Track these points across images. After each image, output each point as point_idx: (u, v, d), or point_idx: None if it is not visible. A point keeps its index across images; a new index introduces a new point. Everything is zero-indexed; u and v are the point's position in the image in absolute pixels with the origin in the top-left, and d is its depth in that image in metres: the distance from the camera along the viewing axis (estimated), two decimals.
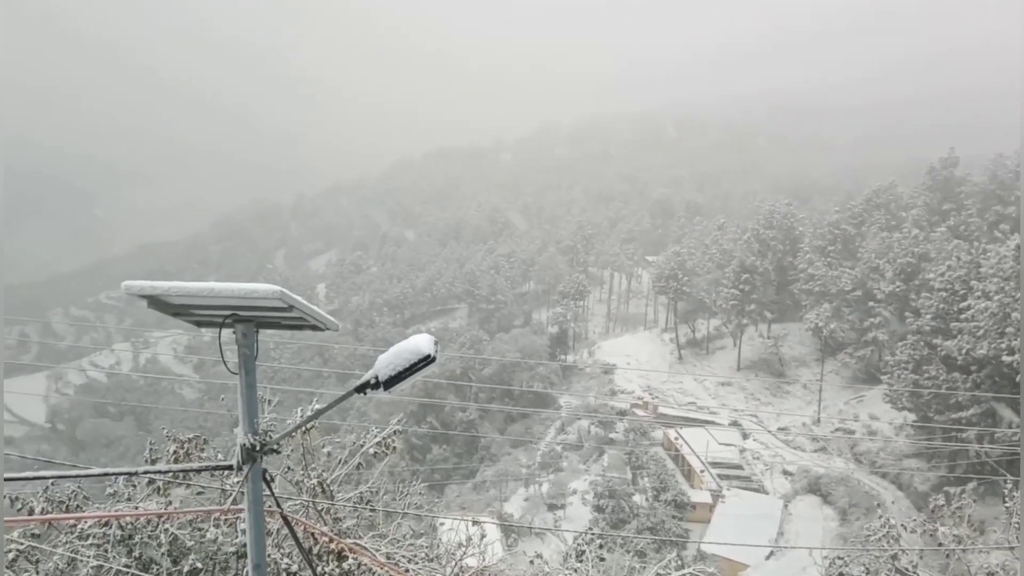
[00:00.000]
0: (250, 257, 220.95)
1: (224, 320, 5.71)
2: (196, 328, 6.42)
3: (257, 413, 6.05)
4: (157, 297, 5.50)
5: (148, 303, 5.61)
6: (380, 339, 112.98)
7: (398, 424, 19.78)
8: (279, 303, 5.29)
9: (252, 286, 5.23)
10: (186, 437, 18.58)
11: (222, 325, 5.73)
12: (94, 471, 9.61)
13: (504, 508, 69.79)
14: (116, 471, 15.39)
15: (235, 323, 5.75)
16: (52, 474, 10.63)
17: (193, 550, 17.15)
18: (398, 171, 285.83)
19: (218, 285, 5.30)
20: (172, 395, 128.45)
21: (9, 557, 16.34)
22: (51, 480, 17.60)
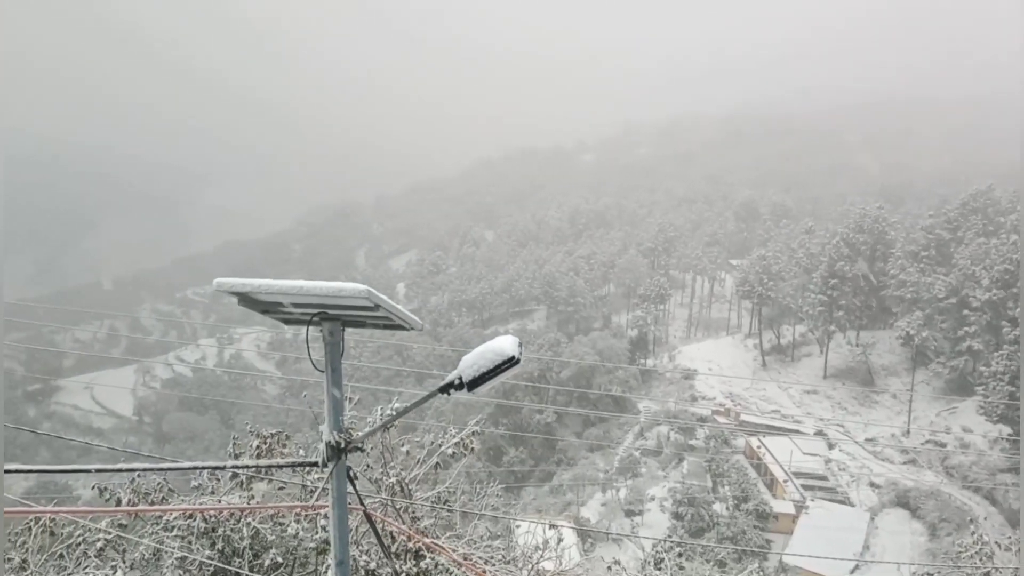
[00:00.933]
0: (332, 255, 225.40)
1: (312, 318, 5.73)
2: (283, 325, 6.44)
3: (343, 411, 6.06)
4: (247, 294, 5.55)
5: (239, 300, 5.65)
6: (458, 339, 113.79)
7: (476, 425, 19.75)
8: (366, 302, 5.26)
9: (340, 285, 5.22)
10: (268, 433, 18.88)
11: (309, 323, 5.75)
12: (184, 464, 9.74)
13: (581, 512, 69.39)
14: (205, 464, 15.65)
15: (322, 321, 5.78)
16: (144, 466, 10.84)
17: (274, 544, 17.42)
18: (478, 171, 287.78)
19: (307, 283, 5.28)
20: (254, 391, 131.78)
21: (97, 546, 16.84)
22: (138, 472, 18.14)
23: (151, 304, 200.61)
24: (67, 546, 16.62)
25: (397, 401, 19.91)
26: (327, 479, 6.07)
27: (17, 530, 17.05)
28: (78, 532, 16.91)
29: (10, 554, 16.03)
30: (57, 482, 74.24)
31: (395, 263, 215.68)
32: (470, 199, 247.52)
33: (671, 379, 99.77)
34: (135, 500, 17.79)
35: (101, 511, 16.62)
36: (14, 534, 17.07)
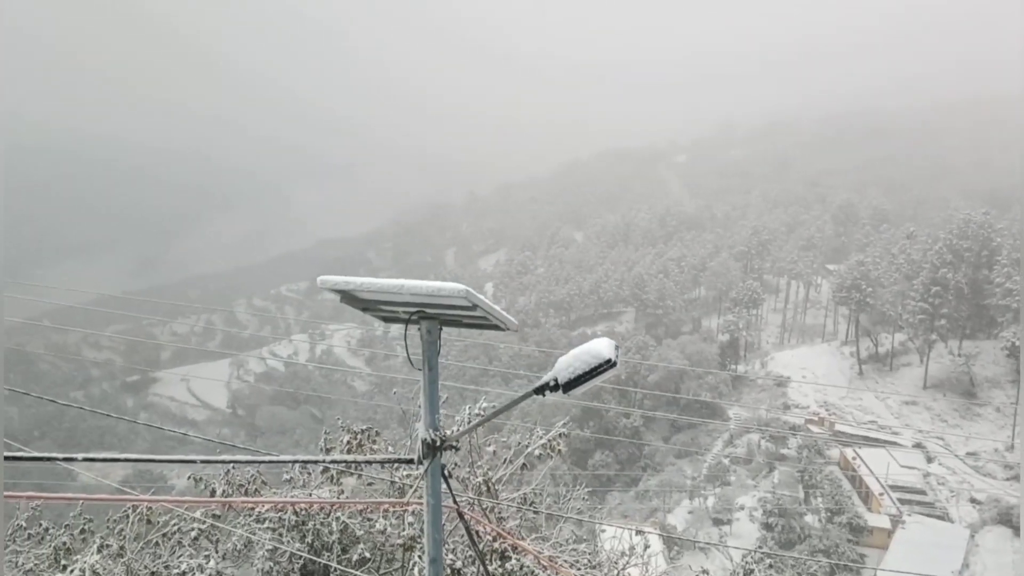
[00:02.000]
0: (422, 254, 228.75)
1: (410, 317, 5.84)
2: (373, 323, 6.48)
3: (438, 409, 6.14)
4: (349, 292, 5.70)
5: (340, 298, 5.78)
6: (545, 340, 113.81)
7: (563, 427, 19.55)
8: (464, 302, 5.35)
9: (439, 284, 5.32)
10: (359, 429, 19.08)
11: (408, 321, 5.87)
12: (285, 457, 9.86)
13: (667, 519, 68.55)
14: (304, 459, 16.00)
15: (420, 320, 5.88)
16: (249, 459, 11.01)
17: (362, 539, 17.60)
18: (568, 172, 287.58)
19: (406, 282, 5.40)
20: (344, 386, 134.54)
21: (191, 536, 17.30)
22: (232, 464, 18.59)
23: (247, 299, 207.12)
24: (163, 534, 17.13)
25: (484, 400, 19.88)
26: (421, 476, 6.07)
27: (115, 517, 17.66)
28: (173, 521, 17.40)
29: (108, 540, 16.59)
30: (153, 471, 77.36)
31: (484, 263, 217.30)
32: (560, 200, 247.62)
33: (763, 386, 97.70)
34: (229, 491, 18.22)
35: (196, 501, 17.05)
36: (112, 521, 17.68)
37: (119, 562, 15.51)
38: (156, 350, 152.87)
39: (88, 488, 50.84)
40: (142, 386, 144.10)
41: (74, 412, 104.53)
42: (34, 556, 17.27)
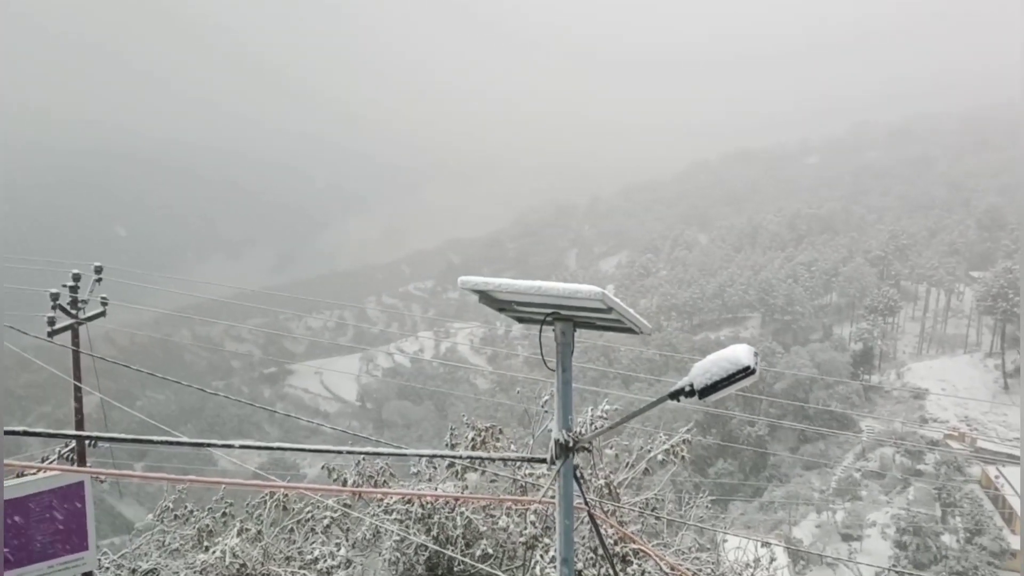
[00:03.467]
0: (544, 255, 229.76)
1: (545, 318, 5.92)
2: (500, 323, 6.64)
3: (571, 410, 6.16)
4: (487, 293, 5.80)
5: (479, 298, 5.90)
6: (666, 344, 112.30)
7: (687, 433, 19.23)
8: (600, 304, 5.40)
9: (575, 287, 5.39)
10: (483, 426, 19.40)
11: (543, 322, 5.95)
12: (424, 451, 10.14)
13: (792, 532, 66.47)
14: (440, 453, 16.34)
15: (555, 321, 5.94)
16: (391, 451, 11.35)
17: (485, 536, 17.85)
18: (693, 173, 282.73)
19: (543, 284, 5.50)
20: (467, 384, 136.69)
21: (324, 523, 18.00)
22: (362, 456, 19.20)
23: (376, 297, 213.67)
24: (297, 521, 17.89)
25: (606, 403, 19.79)
26: (553, 477, 6.13)
27: (254, 502, 18.57)
28: (307, 508, 18.13)
29: (247, 524, 17.46)
30: (287, 460, 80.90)
31: (605, 265, 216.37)
32: (684, 201, 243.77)
33: (898, 398, 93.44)
34: (359, 482, 18.83)
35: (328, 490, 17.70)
36: (250, 506, 18.58)
37: (257, 545, 16.28)
38: (292, 343, 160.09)
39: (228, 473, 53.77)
40: (278, 378, 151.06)
41: (216, 400, 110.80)
42: (179, 536, 18.41)
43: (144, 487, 44.29)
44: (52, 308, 15.19)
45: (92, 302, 15.97)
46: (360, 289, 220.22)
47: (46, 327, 15.65)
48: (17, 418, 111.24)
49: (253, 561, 15.97)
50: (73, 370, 15.73)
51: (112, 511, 61.63)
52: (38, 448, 21.96)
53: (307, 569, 16.18)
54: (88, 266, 16.40)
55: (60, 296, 15.32)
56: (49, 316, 15.22)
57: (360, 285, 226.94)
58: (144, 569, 17.34)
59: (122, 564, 18.04)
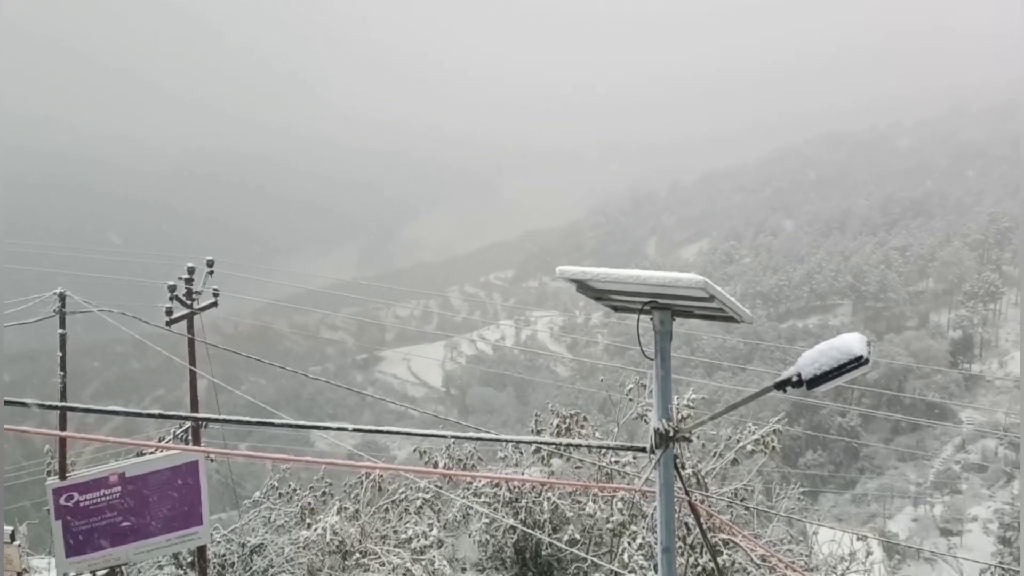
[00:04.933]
0: (623, 244, 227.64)
1: (643, 306, 5.92)
2: (579, 311, 6.75)
3: (671, 399, 6.24)
4: (584, 282, 5.86)
5: (576, 287, 5.99)
6: (750, 332, 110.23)
7: (778, 423, 19.07)
8: (701, 293, 5.36)
9: (675, 275, 5.36)
10: (567, 413, 19.67)
11: (640, 311, 5.96)
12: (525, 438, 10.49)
13: (887, 526, 64.72)
14: (541, 440, 16.75)
15: (653, 310, 5.94)
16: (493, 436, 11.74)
17: (572, 521, 18.14)
18: (779, 158, 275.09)
19: (641, 273, 5.55)
20: (547, 371, 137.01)
21: (416, 504, 18.59)
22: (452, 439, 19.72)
23: (459, 286, 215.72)
24: (392, 501, 18.53)
25: (692, 392, 19.78)
26: (653, 466, 6.22)
27: (351, 482, 19.32)
28: (401, 489, 18.76)
29: (345, 503, 18.20)
30: (377, 442, 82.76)
31: (685, 252, 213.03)
32: (768, 187, 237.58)
33: (1001, 387, 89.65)
34: (450, 465, 19.37)
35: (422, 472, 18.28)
36: (348, 486, 19.34)
37: (355, 524, 17.00)
38: (381, 331, 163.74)
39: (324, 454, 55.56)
40: (369, 364, 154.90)
41: (313, 384, 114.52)
42: (284, 513, 19.38)
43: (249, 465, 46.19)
44: (170, 299, 16.12)
45: (205, 293, 16.87)
46: (444, 279, 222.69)
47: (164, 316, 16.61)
48: (134, 401, 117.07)
49: (351, 538, 16.67)
50: (189, 356, 16.67)
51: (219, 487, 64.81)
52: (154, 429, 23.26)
53: (402, 547, 16.76)
54: (201, 259, 17.30)
55: (176, 288, 16.25)
56: (167, 307, 16.15)
57: (444, 275, 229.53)
58: (252, 544, 18.32)
59: (232, 539, 19.08)
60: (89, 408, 9.45)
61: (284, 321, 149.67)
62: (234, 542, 18.98)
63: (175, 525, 16.23)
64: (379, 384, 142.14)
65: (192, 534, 16.43)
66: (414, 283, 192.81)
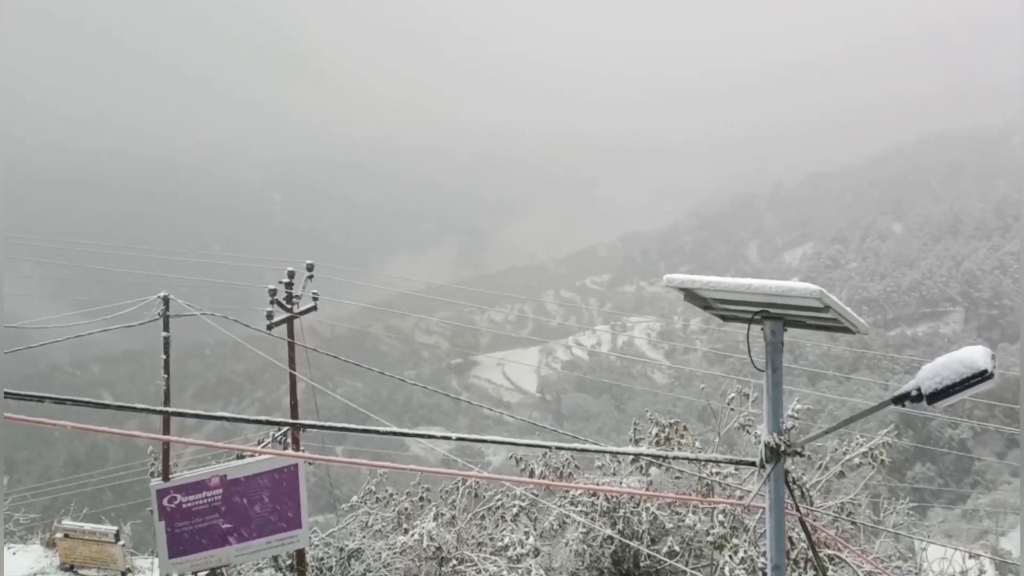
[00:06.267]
0: (722, 248, 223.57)
1: (753, 316, 5.81)
2: (678, 317, 6.53)
3: (782, 412, 6.06)
4: (692, 290, 5.72)
5: (684, 296, 5.84)
6: (856, 340, 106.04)
7: (886, 435, 18.23)
8: (815, 303, 5.23)
9: (788, 284, 5.28)
10: (667, 422, 19.23)
11: (750, 321, 5.87)
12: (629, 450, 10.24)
13: (1000, 543, 61.33)
14: (645, 452, 16.44)
15: (763, 320, 5.82)
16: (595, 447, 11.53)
17: (671, 533, 17.71)
18: (887, 159, 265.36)
19: (754, 282, 5.49)
20: (644, 378, 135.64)
21: (512, 511, 18.47)
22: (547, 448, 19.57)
23: (555, 290, 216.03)
24: (488, 508, 18.47)
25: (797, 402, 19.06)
26: (763, 481, 5.97)
27: (447, 488, 19.38)
28: (497, 497, 18.69)
29: (442, 509, 18.24)
30: (472, 448, 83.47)
31: (789, 256, 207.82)
32: (876, 189, 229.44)
33: None
34: (546, 473, 19.20)
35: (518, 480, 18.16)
36: (444, 492, 19.40)
37: (451, 530, 17.00)
38: (476, 336, 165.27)
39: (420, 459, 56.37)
40: (464, 368, 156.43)
41: (407, 388, 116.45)
42: (381, 518, 19.59)
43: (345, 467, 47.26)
44: (270, 303, 16.48)
45: (304, 297, 17.19)
46: (539, 283, 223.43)
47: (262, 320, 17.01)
48: (233, 404, 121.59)
49: (448, 545, 16.68)
50: (288, 360, 17.03)
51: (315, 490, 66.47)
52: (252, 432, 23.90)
53: (498, 555, 16.68)
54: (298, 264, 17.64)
55: (277, 292, 16.61)
56: (267, 311, 16.53)
57: (539, 279, 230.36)
58: (350, 548, 18.57)
59: (330, 542, 19.41)
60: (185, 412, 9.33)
61: (379, 325, 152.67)
62: (332, 546, 19.29)
63: (275, 528, 16.56)
64: (473, 389, 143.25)
65: (291, 537, 16.74)
66: (509, 287, 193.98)
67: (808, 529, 7.54)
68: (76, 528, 18.17)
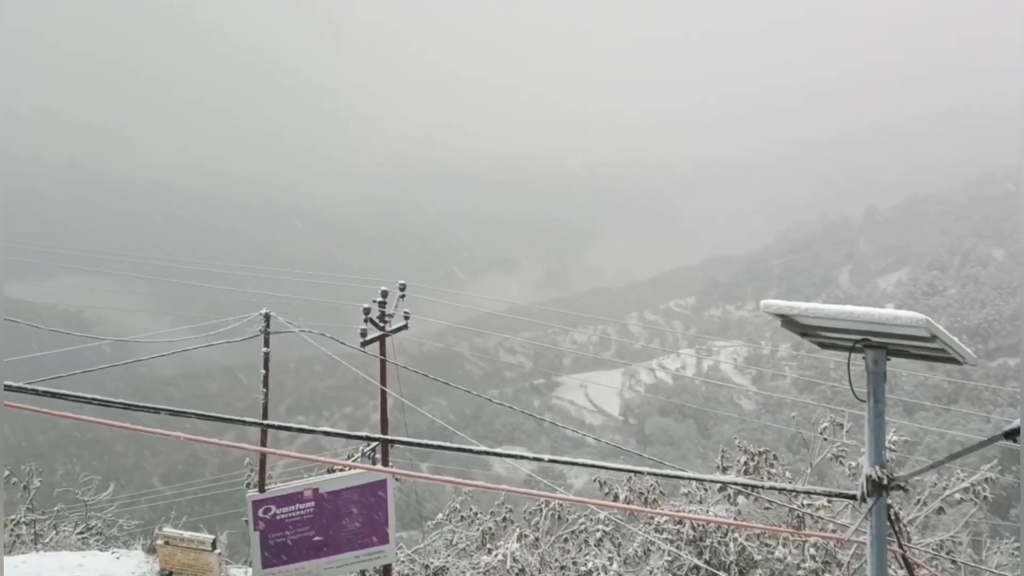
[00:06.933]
0: (812, 272, 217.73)
1: (854, 345, 5.65)
2: (765, 342, 6.41)
3: (884, 444, 5.86)
4: (790, 317, 5.61)
5: (781, 322, 5.73)
6: (956, 370, 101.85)
7: (989, 471, 17.53)
8: (922, 332, 5.00)
9: (894, 312, 5.08)
10: (756, 450, 18.80)
11: (851, 349, 5.71)
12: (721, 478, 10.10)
13: None
14: (731, 480, 16.19)
15: (865, 348, 5.66)
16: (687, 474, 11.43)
17: (760, 565, 17.28)
18: (988, 182, 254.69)
19: (856, 309, 5.32)
20: (730, 404, 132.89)
21: (596, 536, 18.32)
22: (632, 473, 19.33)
23: (638, 312, 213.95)
24: (571, 531, 18.38)
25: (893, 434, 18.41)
26: (864, 515, 5.80)
27: (530, 510, 19.35)
28: (580, 520, 18.58)
29: (525, 531, 18.21)
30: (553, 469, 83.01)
31: (883, 282, 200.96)
32: (976, 213, 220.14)
33: None
34: (631, 498, 18.99)
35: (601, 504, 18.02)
36: (527, 513, 19.39)
37: (535, 552, 16.97)
38: (559, 356, 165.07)
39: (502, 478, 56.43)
40: (546, 389, 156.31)
41: (491, 407, 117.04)
42: (465, 537, 19.70)
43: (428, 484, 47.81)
44: (364, 321, 16.89)
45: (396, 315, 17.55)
46: (623, 305, 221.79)
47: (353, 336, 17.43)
48: (324, 417, 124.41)
49: (531, 567, 16.65)
50: (380, 376, 17.37)
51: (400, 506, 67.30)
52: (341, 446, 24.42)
53: None
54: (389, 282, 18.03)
55: (371, 310, 17.02)
56: (362, 328, 16.93)
57: (623, 301, 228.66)
58: (435, 566, 18.72)
59: (415, 559, 19.60)
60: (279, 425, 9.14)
61: (464, 344, 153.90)
62: (417, 562, 19.47)
63: (363, 542, 16.83)
64: (556, 409, 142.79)
65: (379, 552, 16.97)
66: (592, 308, 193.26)
67: (910, 567, 7.27)
68: (176, 535, 18.87)
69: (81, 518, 25.54)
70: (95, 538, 24.11)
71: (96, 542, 23.67)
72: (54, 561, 19.62)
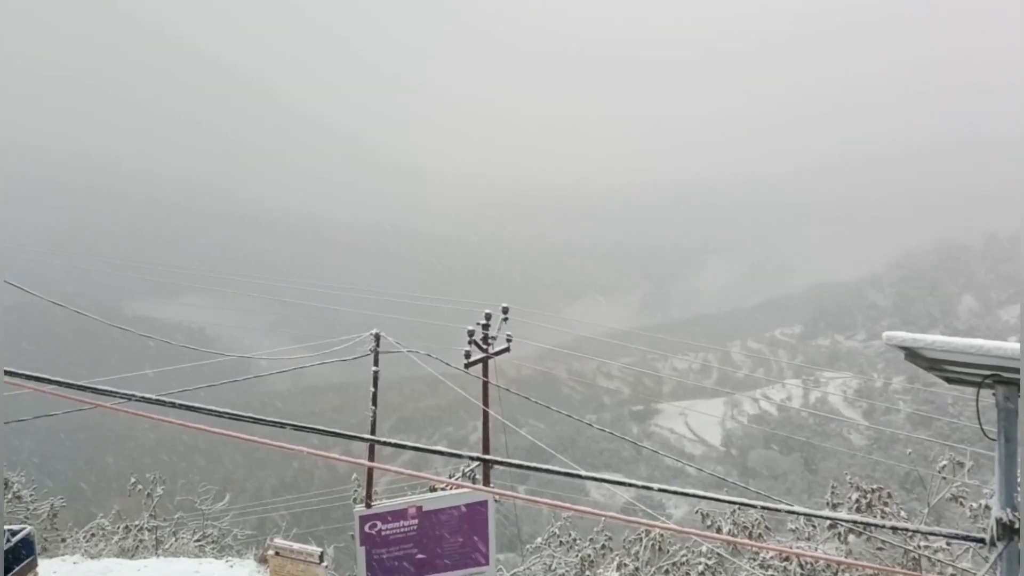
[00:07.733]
0: (928, 302, 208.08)
1: (983, 380, 5.37)
2: (878, 374, 6.17)
3: (1016, 485, 5.46)
4: (915, 349, 5.39)
5: (905, 355, 5.52)
6: None
7: None
8: None
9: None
10: (869, 488, 18.05)
11: (980, 385, 5.44)
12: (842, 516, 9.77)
13: None
14: (844, 517, 15.65)
15: (995, 384, 5.36)
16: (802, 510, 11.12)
17: None
18: None
19: (987, 343, 5.05)
20: (839, 438, 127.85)
21: (698, 569, 17.89)
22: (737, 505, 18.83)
23: (741, 340, 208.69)
24: (672, 563, 18.01)
25: None
26: (993, 561, 5.47)
27: (630, 538, 19.08)
28: (682, 552, 18.20)
29: (624, 560, 17.97)
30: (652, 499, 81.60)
31: (1006, 313, 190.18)
32: None
33: None
34: (735, 531, 18.51)
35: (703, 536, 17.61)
36: (627, 541, 19.12)
37: None
38: (658, 383, 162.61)
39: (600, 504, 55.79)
40: (645, 416, 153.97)
41: (588, 432, 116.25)
42: (564, 562, 19.57)
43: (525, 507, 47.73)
44: (468, 343, 17.14)
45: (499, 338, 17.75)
46: (725, 332, 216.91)
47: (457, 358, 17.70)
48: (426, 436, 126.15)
49: None
50: (483, 397, 17.57)
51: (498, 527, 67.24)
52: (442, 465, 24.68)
53: None
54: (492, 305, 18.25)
55: (475, 333, 17.25)
56: (465, 350, 17.19)
57: (725, 328, 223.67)
58: None
59: None
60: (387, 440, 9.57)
61: (561, 367, 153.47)
62: None
63: (464, 562, 16.94)
64: (655, 437, 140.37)
65: (479, 572, 17.05)
66: (693, 335, 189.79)
67: None
68: (286, 547, 19.40)
69: (199, 526, 26.66)
70: (211, 546, 25.11)
71: (212, 550, 24.64)
72: (173, 567, 20.50)
